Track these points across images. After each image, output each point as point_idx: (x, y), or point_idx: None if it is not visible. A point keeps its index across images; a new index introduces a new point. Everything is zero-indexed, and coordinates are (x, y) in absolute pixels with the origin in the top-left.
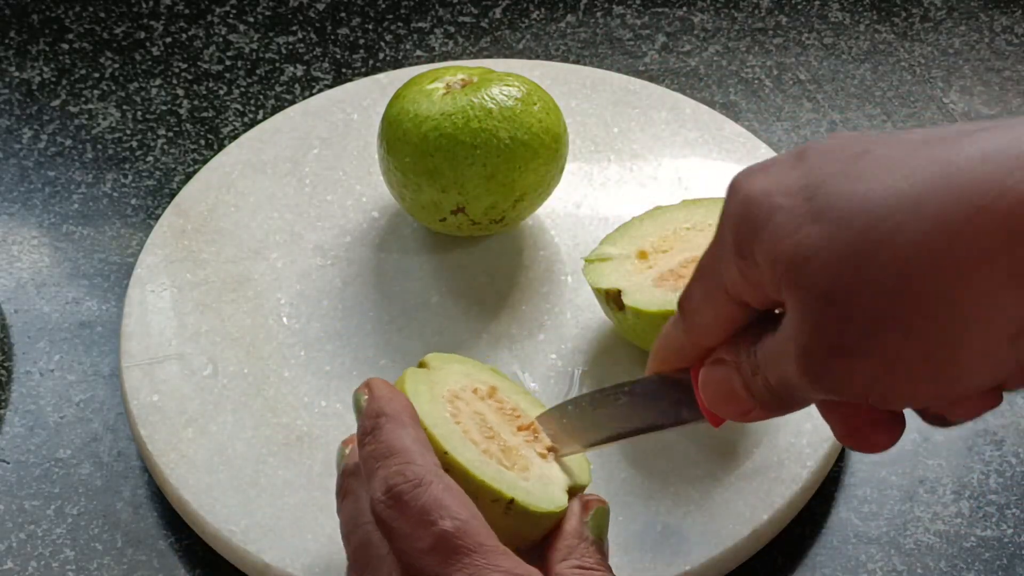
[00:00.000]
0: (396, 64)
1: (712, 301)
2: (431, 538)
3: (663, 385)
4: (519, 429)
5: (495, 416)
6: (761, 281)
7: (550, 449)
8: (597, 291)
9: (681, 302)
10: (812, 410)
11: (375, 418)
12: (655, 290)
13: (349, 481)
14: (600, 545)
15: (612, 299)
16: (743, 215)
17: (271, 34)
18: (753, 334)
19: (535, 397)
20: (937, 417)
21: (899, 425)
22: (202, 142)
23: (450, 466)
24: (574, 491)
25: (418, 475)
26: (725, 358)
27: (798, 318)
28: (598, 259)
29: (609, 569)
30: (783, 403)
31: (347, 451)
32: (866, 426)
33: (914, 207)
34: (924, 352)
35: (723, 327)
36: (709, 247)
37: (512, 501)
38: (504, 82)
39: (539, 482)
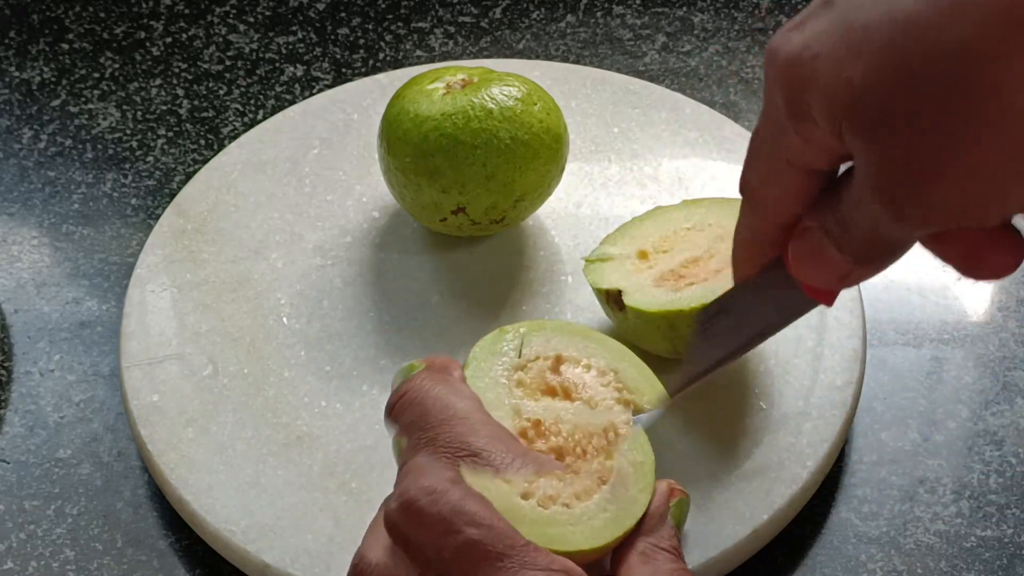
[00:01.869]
0: (396, 64)
1: (777, 176)
2: (458, 546)
3: (755, 288)
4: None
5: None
6: (823, 138)
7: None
8: (597, 291)
9: (743, 189)
10: (811, 410)
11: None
12: (655, 290)
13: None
14: (678, 532)
15: (612, 299)
16: (788, 76)
17: (271, 34)
18: (830, 195)
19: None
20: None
21: (1018, 241)
22: (202, 142)
23: None
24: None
25: (433, 485)
26: (810, 224)
27: (867, 158)
28: (598, 259)
29: (682, 557)
30: (881, 252)
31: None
32: (983, 249)
33: (949, 13)
34: (998, 152)
35: (795, 199)
36: (760, 123)
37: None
38: (504, 82)
39: (584, 516)
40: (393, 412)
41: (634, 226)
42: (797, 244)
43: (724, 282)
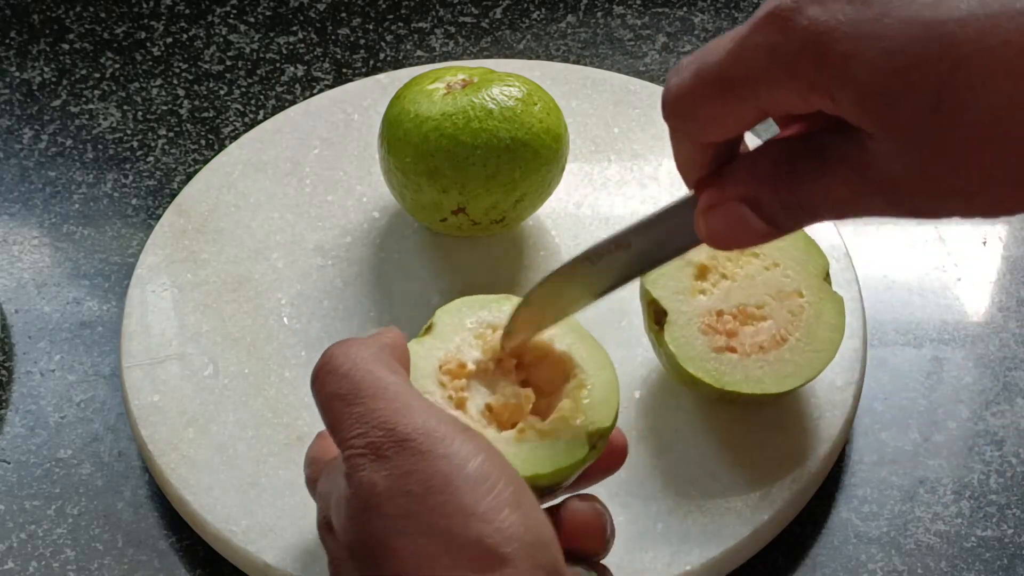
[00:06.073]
0: (397, 64)
1: (734, 107)
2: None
3: (659, 225)
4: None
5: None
6: (830, 106)
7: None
8: (645, 291)
9: (678, 108)
10: (811, 410)
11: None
12: (700, 337)
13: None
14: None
15: (655, 312)
16: (808, 52)
17: (271, 34)
18: (756, 164)
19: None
20: None
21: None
22: (203, 142)
23: None
24: (596, 435)
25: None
26: (730, 196)
27: (889, 149)
28: None
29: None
30: (808, 222)
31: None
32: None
33: (1003, 22)
34: None
35: (737, 128)
36: (730, 57)
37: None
38: (505, 82)
39: (547, 441)
40: (317, 381)
41: None
42: (715, 219)
43: (758, 363)
